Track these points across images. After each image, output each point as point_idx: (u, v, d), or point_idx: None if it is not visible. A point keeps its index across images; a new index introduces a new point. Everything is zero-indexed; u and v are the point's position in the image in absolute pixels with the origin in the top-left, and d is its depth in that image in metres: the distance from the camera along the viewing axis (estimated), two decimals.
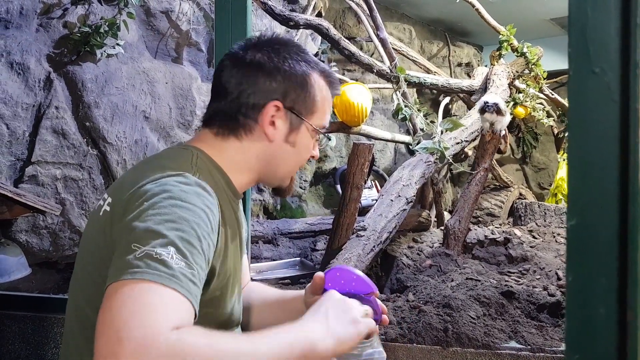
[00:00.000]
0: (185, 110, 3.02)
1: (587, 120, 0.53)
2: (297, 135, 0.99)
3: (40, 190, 2.41)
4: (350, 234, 2.47)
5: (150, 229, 0.76)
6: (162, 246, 0.73)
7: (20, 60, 2.38)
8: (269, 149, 0.98)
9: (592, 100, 0.53)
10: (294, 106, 0.97)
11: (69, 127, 2.49)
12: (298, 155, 1.02)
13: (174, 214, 0.78)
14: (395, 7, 4.79)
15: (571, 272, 0.54)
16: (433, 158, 2.85)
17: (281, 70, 0.96)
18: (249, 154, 0.98)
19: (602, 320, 0.50)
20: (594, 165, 0.53)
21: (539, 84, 4.04)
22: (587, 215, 0.53)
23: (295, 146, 0.99)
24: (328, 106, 1.03)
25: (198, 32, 3.16)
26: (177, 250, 0.74)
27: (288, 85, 0.96)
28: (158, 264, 0.72)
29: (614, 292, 0.51)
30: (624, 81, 0.52)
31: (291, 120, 0.97)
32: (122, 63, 2.73)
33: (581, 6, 0.52)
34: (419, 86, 3.49)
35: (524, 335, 1.65)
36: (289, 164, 1.02)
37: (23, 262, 2.20)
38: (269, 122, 0.96)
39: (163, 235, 0.75)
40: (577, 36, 0.53)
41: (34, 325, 1.81)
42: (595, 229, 0.52)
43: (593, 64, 0.52)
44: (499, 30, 3.82)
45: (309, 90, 0.98)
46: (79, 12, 2.61)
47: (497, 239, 2.87)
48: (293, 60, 0.97)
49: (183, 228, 0.77)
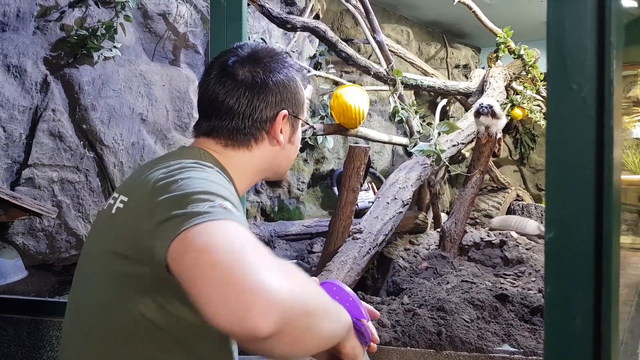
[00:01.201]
0: (183, 112, 3.03)
1: (564, 135, 0.54)
2: (295, 134, 1.10)
3: (37, 192, 2.42)
4: (347, 237, 2.48)
5: (189, 191, 0.76)
6: (209, 201, 0.74)
7: (17, 63, 2.39)
8: (278, 152, 1.08)
9: (569, 115, 0.54)
10: (293, 109, 1.08)
11: (65, 130, 2.50)
12: (296, 150, 1.14)
13: (204, 181, 0.81)
14: (393, 9, 4.80)
15: (549, 283, 0.55)
16: (429, 160, 2.86)
17: (281, 83, 1.05)
18: (260, 161, 1.06)
19: (578, 330, 0.51)
20: (570, 179, 0.54)
21: (536, 86, 4.05)
22: (564, 228, 0.54)
23: (295, 143, 1.12)
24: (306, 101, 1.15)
25: (195, 35, 3.17)
26: (223, 202, 0.76)
27: (287, 94, 1.06)
28: (219, 208, 0.73)
29: (590, 304, 0.52)
30: (599, 97, 0.52)
31: (291, 122, 1.08)
32: (119, 66, 2.74)
33: (559, 22, 0.53)
34: (416, 88, 3.50)
35: (517, 338, 1.66)
36: (291, 160, 1.13)
37: (19, 265, 2.20)
38: (279, 131, 1.05)
39: (207, 193, 0.76)
40: (555, 52, 0.54)
41: (29, 329, 1.81)
42: (572, 242, 0.53)
43: (570, 80, 0.53)
44: (496, 32, 3.83)
45: (298, 91, 1.09)
46: (76, 15, 2.62)
47: (492, 241, 2.89)
48: (284, 70, 1.07)
49: (219, 191, 0.80)
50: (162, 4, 3.01)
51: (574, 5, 0.51)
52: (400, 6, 4.70)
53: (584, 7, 0.51)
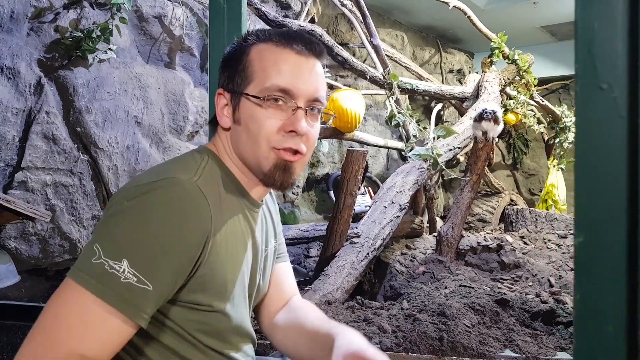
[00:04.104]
0: (178, 115, 3.00)
1: (594, 136, 0.53)
2: (240, 111, 0.93)
3: (30, 196, 2.38)
4: (344, 241, 2.46)
5: (114, 237, 0.80)
6: (116, 258, 0.78)
7: (10, 65, 2.35)
8: (230, 136, 0.96)
9: (599, 116, 0.53)
10: (230, 85, 0.95)
11: (59, 133, 2.46)
12: (248, 131, 0.92)
13: (121, 230, 0.80)
14: (388, 14, 4.81)
15: (579, 290, 0.53)
16: (426, 165, 2.86)
17: (224, 59, 0.98)
18: (226, 149, 0.97)
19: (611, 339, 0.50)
20: (601, 181, 0.52)
21: (530, 91, 4.08)
22: (594, 232, 0.52)
23: (242, 122, 0.93)
24: (272, 65, 0.91)
25: (191, 37, 3.15)
26: (130, 264, 0.78)
27: (228, 71, 0.96)
28: (106, 276, 0.77)
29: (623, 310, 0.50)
30: (632, 97, 0.51)
31: (232, 99, 0.95)
32: (114, 68, 2.71)
33: (588, 22, 0.52)
34: (412, 92, 3.50)
35: (518, 343, 1.65)
36: (246, 143, 0.93)
37: (12, 270, 2.16)
38: (220, 113, 0.96)
39: (121, 246, 0.79)
40: (584, 52, 0.53)
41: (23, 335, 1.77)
42: (604, 246, 0.52)
43: (600, 80, 0.52)
44: (490, 37, 3.85)
45: (243, 63, 0.94)
46: (70, 17, 2.58)
47: (489, 245, 2.88)
48: (234, 46, 0.97)
49: (146, 242, 0.80)
50: (158, 6, 2.98)
51: (604, 5, 0.50)
52: (394, 11, 4.72)
53: (615, 5, 0.50)
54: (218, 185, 0.92)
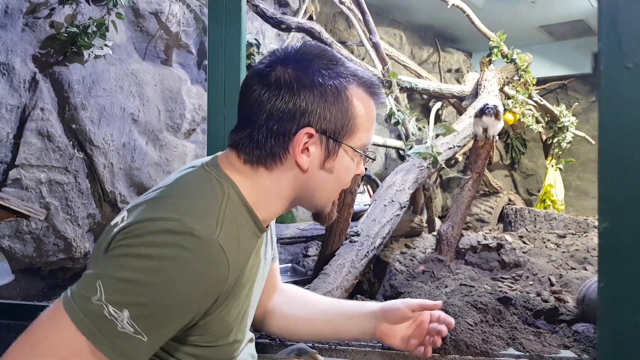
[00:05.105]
0: (175, 113, 2.97)
1: (619, 117, 0.51)
2: (334, 161, 0.86)
3: (24, 194, 2.34)
4: (344, 240, 2.43)
5: (120, 283, 0.73)
6: (117, 306, 0.72)
7: (4, 61, 2.31)
8: (303, 178, 0.86)
9: (625, 96, 0.51)
10: (330, 129, 0.84)
11: (54, 130, 2.43)
12: (337, 180, 0.89)
13: (152, 283, 0.73)
14: (386, 13, 4.79)
15: (604, 277, 0.51)
16: (426, 163, 2.83)
17: (311, 90, 0.82)
18: (281, 185, 0.87)
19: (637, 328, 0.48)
20: (626, 164, 0.50)
21: (528, 91, 4.07)
22: (620, 217, 0.50)
23: (334, 172, 0.87)
24: (371, 120, 0.89)
25: (188, 34, 3.12)
26: (132, 316, 0.72)
27: (321, 106, 0.83)
28: (103, 321, 0.72)
29: None
30: None
31: (327, 145, 0.85)
32: (110, 64, 2.68)
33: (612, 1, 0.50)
34: (411, 91, 3.48)
35: (522, 342, 1.63)
36: (327, 191, 0.90)
37: (6, 269, 2.12)
38: (301, 151, 0.84)
39: (126, 296, 0.72)
40: (608, 31, 0.50)
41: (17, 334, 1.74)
42: (629, 232, 0.50)
43: (626, 59, 0.50)
44: (489, 36, 3.84)
45: (345, 107, 0.84)
46: (66, 12, 2.55)
47: (489, 244, 2.86)
48: (324, 76, 0.83)
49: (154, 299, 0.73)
50: (155, 2, 2.95)
51: None
52: (393, 10, 4.70)
53: None
54: (237, 227, 0.83)
